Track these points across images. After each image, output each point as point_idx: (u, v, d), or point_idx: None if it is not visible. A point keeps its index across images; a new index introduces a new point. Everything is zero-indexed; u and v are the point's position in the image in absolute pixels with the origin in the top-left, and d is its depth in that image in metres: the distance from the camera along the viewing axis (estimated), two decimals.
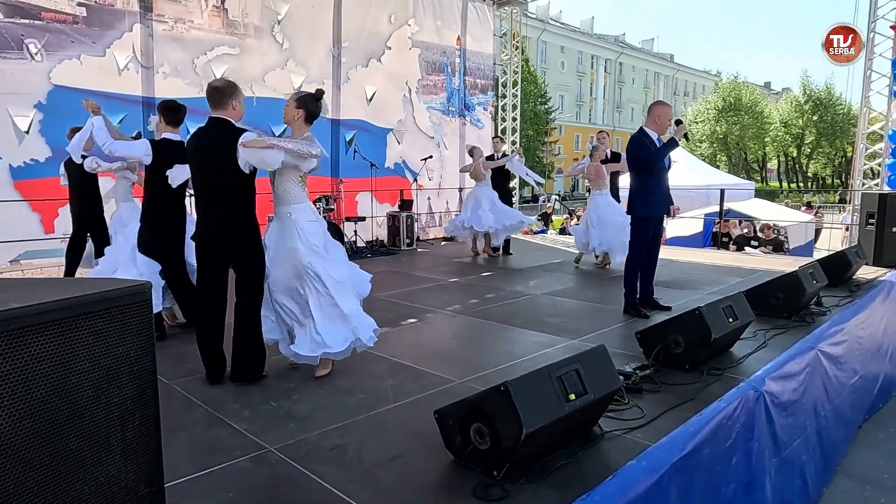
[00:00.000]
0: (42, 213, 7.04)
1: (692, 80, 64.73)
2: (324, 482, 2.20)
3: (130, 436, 1.23)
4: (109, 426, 1.18)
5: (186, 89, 7.98)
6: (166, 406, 2.97)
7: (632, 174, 4.88)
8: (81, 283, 1.38)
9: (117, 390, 1.20)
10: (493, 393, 2.19)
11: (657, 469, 2.35)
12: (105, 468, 1.16)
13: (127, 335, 1.22)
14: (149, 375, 1.28)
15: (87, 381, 1.13)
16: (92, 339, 1.15)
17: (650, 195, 4.78)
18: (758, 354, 3.76)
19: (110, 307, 1.19)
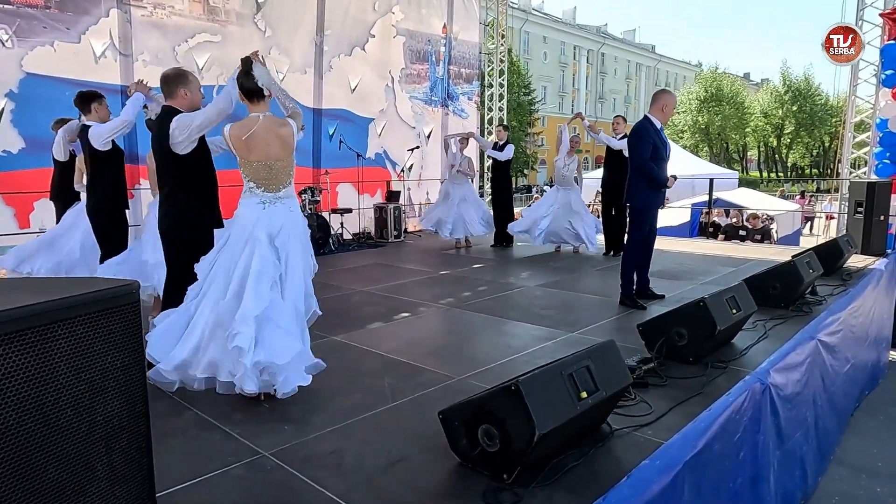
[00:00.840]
0: (16, 208, 6.76)
1: (673, 70, 65.07)
2: (324, 489, 2.07)
3: (118, 458, 1.08)
4: (93, 449, 1.03)
5: None
6: (153, 409, 2.82)
7: (631, 163, 4.77)
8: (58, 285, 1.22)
9: (102, 407, 1.05)
10: (502, 392, 2.07)
11: (671, 468, 2.27)
12: (88, 497, 1.01)
13: (113, 343, 1.07)
14: (138, 388, 1.13)
15: (67, 397, 0.98)
16: (71, 349, 0.99)
17: (652, 185, 4.69)
18: (760, 345, 3.70)
19: (92, 311, 1.03)
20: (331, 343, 3.89)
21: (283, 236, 2.98)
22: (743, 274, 5.30)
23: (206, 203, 3.44)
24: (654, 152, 4.58)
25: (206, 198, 3.43)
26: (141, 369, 1.14)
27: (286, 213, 3.05)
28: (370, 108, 10.17)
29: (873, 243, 7.17)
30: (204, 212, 3.42)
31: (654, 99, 4.78)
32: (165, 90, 3.34)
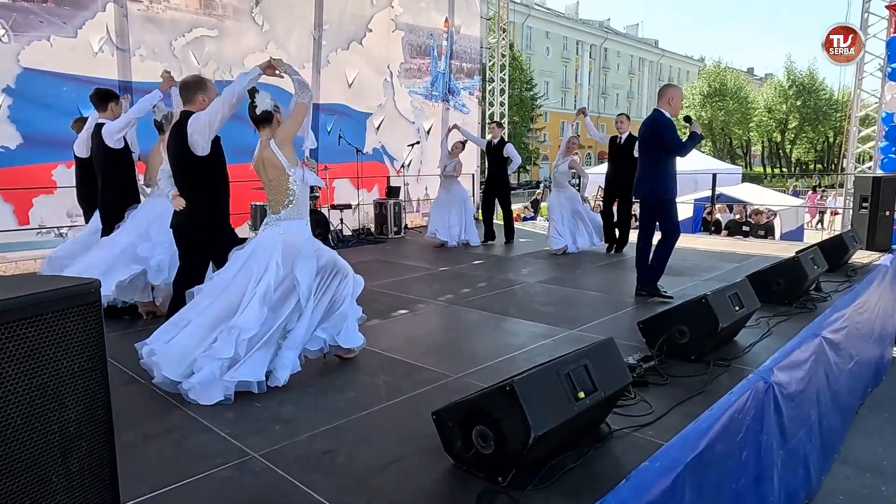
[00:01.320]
0: (15, 204, 6.71)
1: (676, 65, 64.73)
2: (313, 492, 2.01)
3: (75, 467, 1.02)
4: (47, 458, 0.96)
5: None
6: (143, 409, 2.79)
7: (651, 155, 4.74)
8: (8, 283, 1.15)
9: (57, 414, 0.98)
10: (496, 392, 2.01)
11: (672, 469, 2.21)
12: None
13: (70, 345, 1.00)
14: (99, 393, 1.06)
15: (16, 405, 0.91)
16: (22, 353, 0.92)
17: (671, 177, 4.77)
18: (763, 343, 3.63)
19: (44, 312, 0.96)
20: None
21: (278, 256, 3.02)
22: (746, 270, 5.22)
23: (216, 205, 3.54)
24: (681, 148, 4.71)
25: (216, 199, 3.53)
26: (102, 373, 1.07)
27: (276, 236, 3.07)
28: (367, 103, 10.09)
29: (879, 239, 7.09)
30: (213, 213, 3.52)
31: (660, 94, 4.85)
32: (185, 96, 3.49)
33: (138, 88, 7.40)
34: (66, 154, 6.93)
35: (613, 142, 7.30)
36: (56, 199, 6.92)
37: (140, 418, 2.67)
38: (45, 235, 6.92)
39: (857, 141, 8.35)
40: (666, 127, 4.66)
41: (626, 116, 7.46)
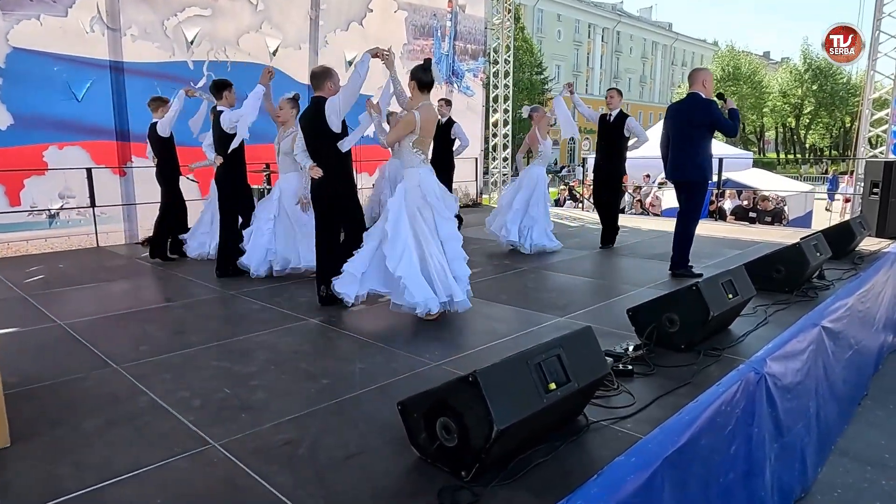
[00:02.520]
0: (6, 185, 6.67)
1: (690, 49, 63.65)
2: (268, 485, 1.92)
3: None
4: None
5: (157, 53, 7.54)
6: (109, 394, 2.71)
7: (695, 137, 4.80)
8: None
9: None
10: (460, 383, 1.90)
11: (648, 465, 2.09)
12: None
13: None
14: None
15: None
16: None
17: (710, 159, 4.88)
18: (758, 332, 3.49)
19: None
20: (308, 326, 3.75)
21: None
22: (750, 257, 5.06)
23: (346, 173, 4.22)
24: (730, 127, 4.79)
25: (345, 169, 4.21)
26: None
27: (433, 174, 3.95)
28: (368, 86, 9.84)
29: (889, 225, 6.88)
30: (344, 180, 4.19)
31: (692, 78, 4.94)
32: (315, 84, 4.18)
33: (130, 69, 7.31)
34: (58, 135, 6.90)
35: (603, 120, 6.58)
36: (48, 180, 6.89)
37: (105, 404, 2.60)
38: (37, 217, 6.89)
39: (869, 124, 8.09)
40: (715, 110, 4.73)
41: (616, 91, 6.71)
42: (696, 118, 4.75)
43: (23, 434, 2.28)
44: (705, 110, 4.71)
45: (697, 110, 4.74)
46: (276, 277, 5.18)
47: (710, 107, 4.72)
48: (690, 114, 4.78)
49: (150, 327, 3.77)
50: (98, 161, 7.23)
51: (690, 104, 4.81)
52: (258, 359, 3.14)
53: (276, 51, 8.72)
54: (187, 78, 7.84)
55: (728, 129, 4.77)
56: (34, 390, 2.74)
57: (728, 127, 4.75)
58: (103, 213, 7.30)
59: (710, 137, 4.85)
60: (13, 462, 2.10)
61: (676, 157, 4.88)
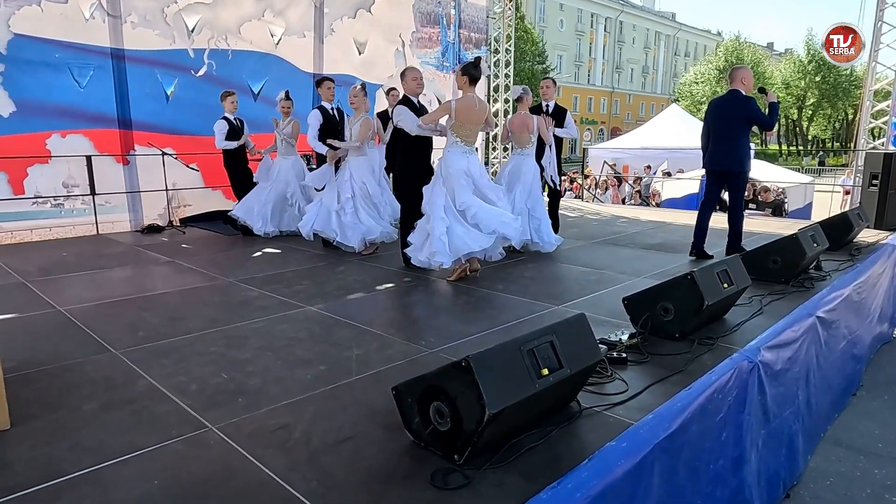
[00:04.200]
0: (9, 173, 6.66)
1: (693, 40, 63.32)
2: (263, 467, 1.95)
3: None
4: None
5: (157, 41, 7.51)
6: (107, 378, 2.74)
7: (734, 131, 5.11)
8: None
9: None
10: (453, 368, 1.93)
11: (639, 450, 2.11)
12: None
13: None
14: None
15: None
16: None
17: (749, 151, 5.21)
18: (753, 322, 3.52)
19: None
20: (306, 313, 3.77)
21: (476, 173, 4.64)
22: (748, 248, 5.08)
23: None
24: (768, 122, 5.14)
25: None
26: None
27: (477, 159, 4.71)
28: (378, 74, 9.80)
29: (888, 217, 6.89)
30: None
31: (732, 77, 5.27)
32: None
33: (131, 56, 7.28)
34: (61, 123, 6.90)
35: (538, 111, 6.22)
36: (51, 168, 6.89)
37: (103, 388, 2.62)
38: (42, 205, 6.89)
39: (870, 116, 8.06)
40: (752, 106, 5.09)
41: (552, 81, 6.46)
42: (735, 113, 5.10)
43: (22, 417, 2.31)
44: (743, 106, 5.07)
45: (736, 106, 5.10)
46: (273, 266, 5.22)
47: (747, 103, 5.08)
48: (730, 109, 5.14)
49: (148, 314, 3.80)
50: (102, 149, 7.22)
51: (730, 100, 5.16)
52: (255, 345, 3.17)
53: (280, 40, 8.68)
54: (188, 66, 7.82)
55: (764, 124, 5.12)
56: (33, 374, 2.77)
57: (764, 121, 5.10)
58: (107, 202, 7.30)
59: (748, 131, 5.16)
60: (13, 444, 2.13)
61: (716, 149, 5.24)
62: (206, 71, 7.90)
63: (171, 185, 7.56)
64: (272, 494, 1.80)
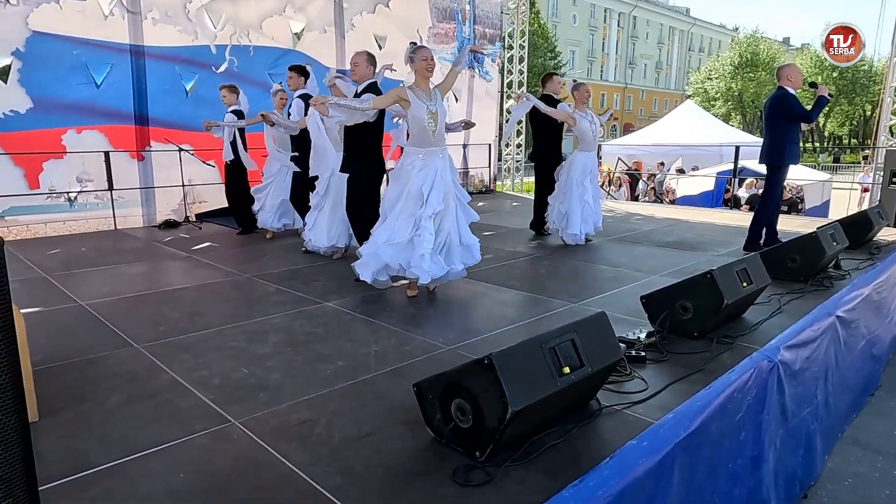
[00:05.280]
0: (26, 168, 6.74)
1: (708, 35, 62.64)
2: (287, 461, 1.98)
3: None
4: None
5: (178, 37, 7.55)
6: (131, 372, 2.78)
7: (776, 127, 5.30)
8: None
9: None
10: (475, 366, 1.94)
11: (660, 449, 2.11)
12: None
13: None
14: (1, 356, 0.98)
15: None
16: None
17: (792, 145, 5.29)
18: (772, 321, 3.50)
19: None
20: (323, 309, 3.79)
21: None
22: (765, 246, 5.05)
23: None
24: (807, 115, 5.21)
25: None
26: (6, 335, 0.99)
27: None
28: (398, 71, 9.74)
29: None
30: None
31: (778, 75, 5.45)
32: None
33: (150, 53, 7.34)
34: (77, 119, 6.98)
35: None
36: (66, 163, 6.98)
37: (127, 381, 2.66)
38: (56, 200, 6.98)
39: (890, 112, 7.95)
40: (788, 101, 5.24)
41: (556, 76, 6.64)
42: (774, 109, 5.31)
43: (49, 409, 2.35)
44: (780, 102, 5.27)
45: (776, 102, 5.31)
46: (289, 262, 5.26)
47: (783, 98, 5.25)
48: (770, 105, 5.39)
49: (168, 308, 3.84)
50: (116, 145, 7.29)
51: (773, 97, 5.41)
52: (274, 340, 3.20)
53: (301, 34, 8.70)
54: (210, 62, 7.86)
55: (802, 116, 5.23)
56: (58, 367, 2.82)
57: (801, 113, 5.21)
58: (121, 196, 7.38)
59: (789, 126, 5.25)
60: (41, 436, 2.17)
61: (762, 144, 5.51)
62: (227, 67, 7.93)
63: (187, 181, 7.63)
64: (297, 489, 1.83)
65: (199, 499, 1.79)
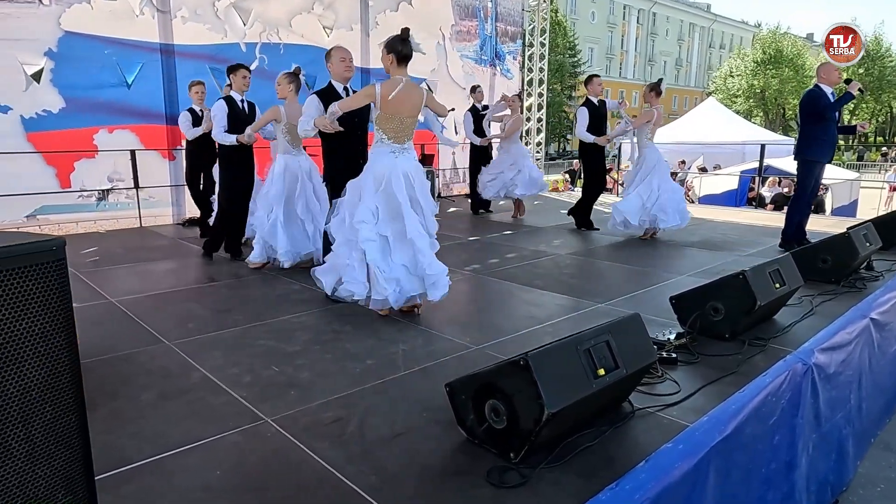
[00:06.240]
0: (57, 167, 6.84)
1: (729, 31, 61.74)
2: (320, 459, 1.98)
3: (38, 434, 0.97)
4: (6, 424, 0.91)
5: (207, 35, 7.59)
6: (163, 370, 2.81)
7: (806, 124, 5.38)
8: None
9: (16, 378, 0.94)
10: (511, 367, 1.92)
11: (695, 453, 2.08)
12: (1, 476, 0.91)
13: (29, 306, 0.94)
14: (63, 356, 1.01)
15: None
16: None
17: (818, 142, 5.29)
18: (805, 323, 3.44)
19: (0, 270, 0.90)
20: (349, 307, 3.80)
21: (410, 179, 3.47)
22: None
23: None
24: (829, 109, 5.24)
25: None
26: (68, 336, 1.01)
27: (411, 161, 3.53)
28: (420, 68, 9.71)
29: None
30: None
31: (816, 73, 5.51)
32: None
33: (180, 51, 7.40)
34: (108, 118, 7.06)
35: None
36: (97, 163, 7.06)
37: (160, 378, 2.69)
38: (87, 199, 7.08)
39: None
40: (817, 96, 5.29)
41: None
42: (804, 106, 5.41)
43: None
44: (809, 99, 5.34)
45: (806, 99, 5.40)
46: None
47: (813, 96, 5.30)
48: (802, 102, 5.49)
49: (196, 306, 3.88)
50: (147, 145, 7.37)
51: (805, 94, 5.49)
52: (302, 338, 3.21)
53: (331, 32, 8.73)
54: (240, 60, 7.90)
55: (824, 109, 5.24)
56: (92, 364, 2.85)
57: (824, 107, 5.24)
58: (152, 196, 7.45)
59: (819, 123, 5.25)
60: None
61: (797, 140, 5.62)
62: (257, 65, 7.97)
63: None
64: (332, 487, 1.83)
65: (235, 495, 1.80)
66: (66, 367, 0.99)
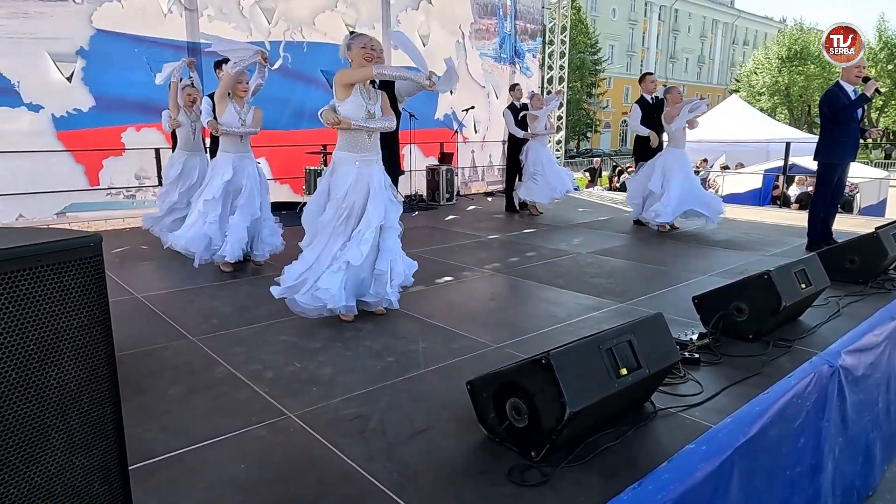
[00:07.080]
0: (86, 165, 6.96)
1: (753, 27, 60.75)
2: (343, 455, 2.00)
3: (76, 425, 1.00)
4: (45, 415, 0.95)
5: (233, 33, 7.64)
6: (188, 365, 2.86)
7: (825, 123, 5.31)
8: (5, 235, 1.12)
9: (55, 370, 0.97)
10: (533, 365, 1.93)
11: (719, 454, 2.07)
12: (41, 466, 0.94)
13: (67, 300, 0.97)
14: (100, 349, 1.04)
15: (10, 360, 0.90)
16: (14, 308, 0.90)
17: (838, 143, 5.19)
18: (831, 324, 3.38)
19: (39, 266, 0.94)
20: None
21: None
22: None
23: None
24: (843, 111, 5.11)
25: None
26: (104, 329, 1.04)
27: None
28: (440, 66, 9.74)
29: None
30: None
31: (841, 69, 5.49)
32: None
33: (207, 49, 7.47)
34: (136, 117, 7.16)
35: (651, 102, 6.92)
36: (125, 161, 7.16)
37: (185, 373, 2.74)
38: (115, 197, 7.20)
39: None
40: (834, 95, 5.22)
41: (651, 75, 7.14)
42: (822, 105, 5.35)
43: None
44: (827, 98, 5.27)
45: (824, 98, 5.33)
46: None
47: (830, 94, 5.24)
48: (821, 101, 5.43)
49: (218, 302, 3.93)
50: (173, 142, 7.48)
51: (824, 92, 5.41)
52: (322, 335, 3.24)
53: (355, 30, 8.78)
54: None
55: (839, 110, 5.15)
56: (119, 358, 2.90)
57: (839, 107, 5.14)
58: None
59: (838, 122, 5.15)
60: None
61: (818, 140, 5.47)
62: (281, 63, 8.04)
63: None
64: (357, 484, 1.85)
65: (262, 489, 1.83)
66: (102, 360, 1.02)
